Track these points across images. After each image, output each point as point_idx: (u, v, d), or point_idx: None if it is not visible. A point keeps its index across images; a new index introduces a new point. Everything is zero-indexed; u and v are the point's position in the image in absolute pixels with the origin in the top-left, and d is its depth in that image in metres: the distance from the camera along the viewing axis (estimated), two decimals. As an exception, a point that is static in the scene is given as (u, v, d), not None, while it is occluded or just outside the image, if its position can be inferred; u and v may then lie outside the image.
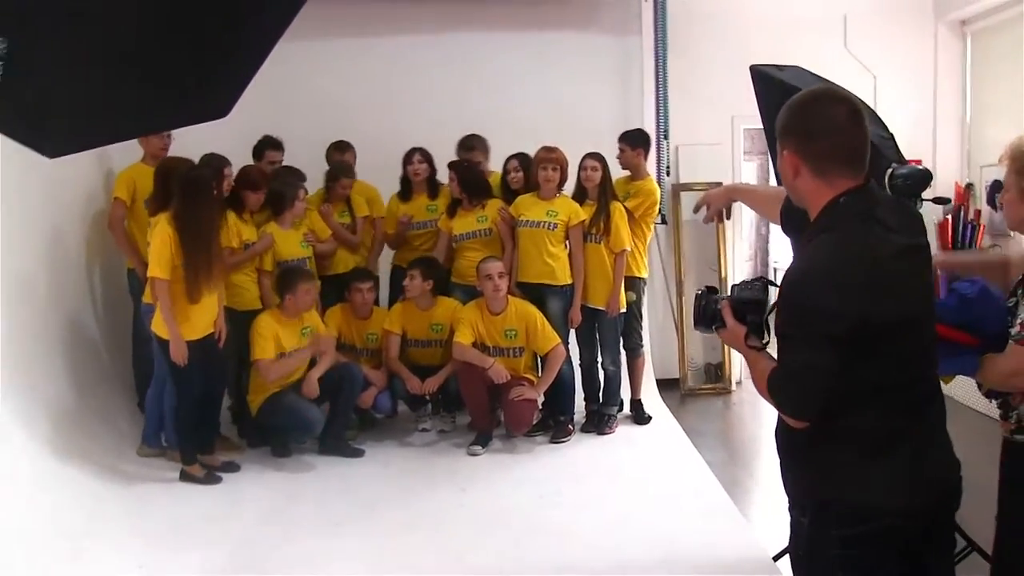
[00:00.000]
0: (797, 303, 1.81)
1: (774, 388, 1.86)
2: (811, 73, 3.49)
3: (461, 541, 3.78)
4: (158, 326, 4.35)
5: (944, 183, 6.68)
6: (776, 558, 3.51)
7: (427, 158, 5.43)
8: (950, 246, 6.40)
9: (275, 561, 3.62)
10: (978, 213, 6.38)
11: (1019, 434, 2.22)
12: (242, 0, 2.82)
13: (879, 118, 3.32)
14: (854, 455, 1.83)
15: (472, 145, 5.49)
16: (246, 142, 5.34)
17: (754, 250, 9.64)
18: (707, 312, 2.06)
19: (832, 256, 1.80)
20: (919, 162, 6.63)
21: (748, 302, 1.96)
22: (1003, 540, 2.29)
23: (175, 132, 4.78)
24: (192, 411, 4.49)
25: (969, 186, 6.61)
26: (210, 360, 4.51)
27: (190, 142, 4.70)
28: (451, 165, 5.30)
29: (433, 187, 5.49)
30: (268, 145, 5.43)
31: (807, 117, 1.87)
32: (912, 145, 6.59)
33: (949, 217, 6.47)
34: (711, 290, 2.11)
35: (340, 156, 5.55)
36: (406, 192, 5.52)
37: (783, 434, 1.93)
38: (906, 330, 1.83)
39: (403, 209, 5.48)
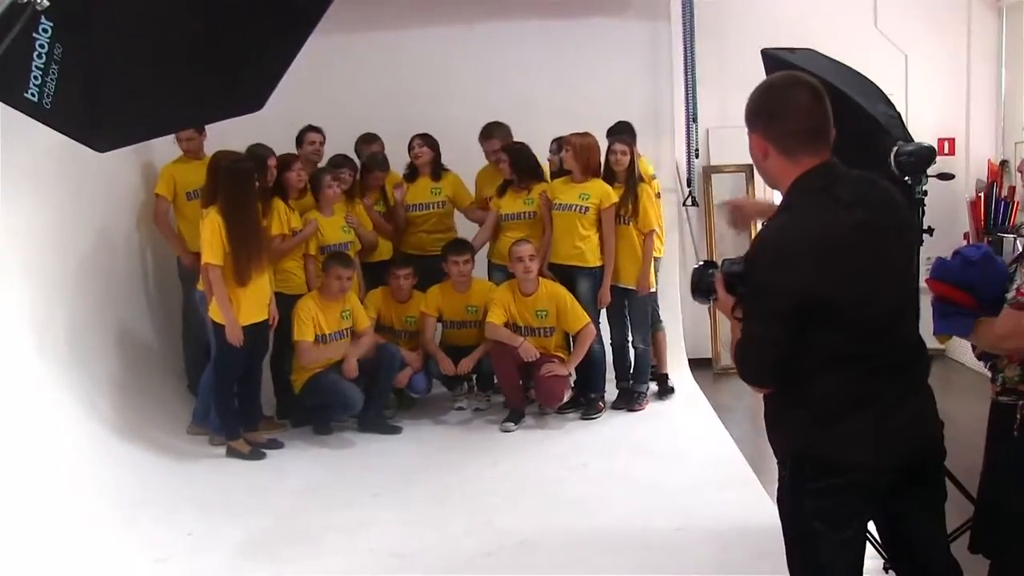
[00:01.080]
0: (751, 279, 1.97)
1: (735, 358, 2.03)
2: (823, 56, 3.57)
3: (491, 508, 3.97)
4: (215, 312, 4.59)
5: (978, 160, 6.68)
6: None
7: (428, 142, 5.61)
8: (983, 224, 6.39)
9: (316, 528, 3.83)
10: (1012, 190, 6.35)
11: (1004, 396, 2.33)
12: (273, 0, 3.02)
13: (886, 97, 3.41)
14: (820, 416, 1.95)
15: (491, 133, 5.63)
16: (283, 136, 5.51)
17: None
18: (703, 284, 2.21)
19: (781, 234, 1.95)
20: (952, 141, 6.73)
21: (736, 275, 2.10)
22: (985, 489, 2.43)
23: (214, 126, 5.00)
24: (231, 390, 4.74)
25: (1004, 163, 6.58)
26: (256, 344, 4.76)
27: (230, 136, 4.90)
28: (504, 148, 5.45)
29: (437, 170, 5.67)
30: (308, 129, 5.62)
31: (771, 100, 2.00)
32: (944, 123, 6.62)
33: (982, 195, 6.46)
34: (708, 264, 2.24)
35: (368, 148, 5.72)
36: (412, 175, 5.72)
37: (767, 399, 2.08)
38: (859, 303, 1.91)
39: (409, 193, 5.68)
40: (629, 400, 5.41)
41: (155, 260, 5.57)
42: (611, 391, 5.50)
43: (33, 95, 2.48)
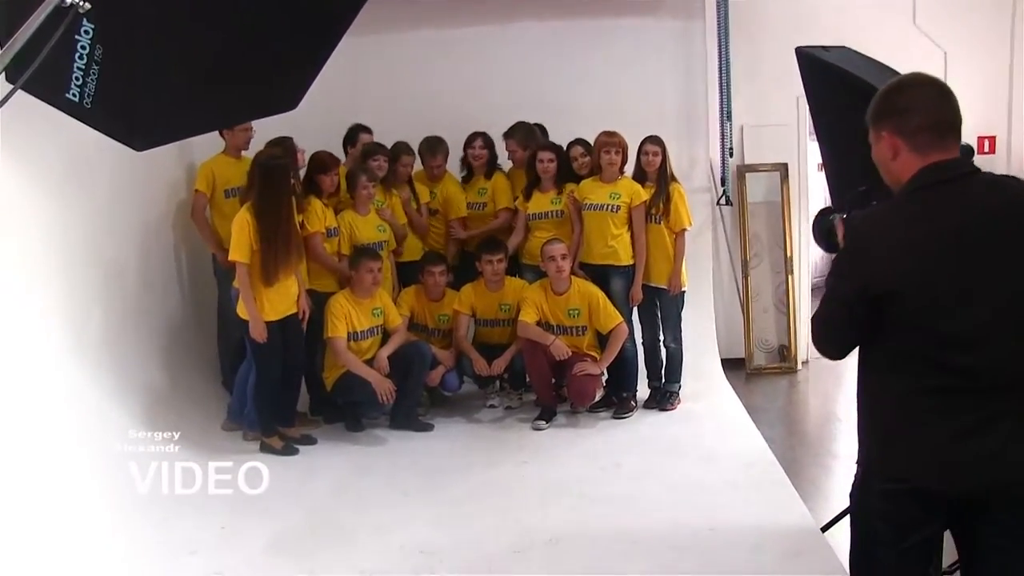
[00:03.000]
0: (833, 259, 2.04)
1: (812, 327, 2.11)
2: (858, 54, 3.53)
3: (521, 507, 3.99)
4: (242, 308, 4.65)
5: (1019, 158, 6.56)
6: (824, 528, 3.61)
7: (488, 144, 5.63)
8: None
9: (346, 525, 3.88)
10: (1054, 189, 6.23)
11: None
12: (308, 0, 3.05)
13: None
14: (888, 422, 1.96)
15: (513, 134, 5.63)
16: (325, 136, 5.56)
17: (827, 230, 9.52)
18: (823, 226, 2.23)
19: (866, 221, 1.99)
20: (992, 139, 6.62)
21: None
22: None
23: (258, 125, 5.06)
24: (271, 388, 4.77)
25: (1046, 162, 6.47)
26: (290, 341, 4.78)
27: (272, 134, 4.98)
28: (550, 148, 5.45)
29: (490, 171, 5.69)
30: (359, 129, 5.65)
31: (899, 97, 2.00)
32: (985, 121, 6.50)
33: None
34: (827, 210, 2.26)
35: (432, 158, 5.69)
36: (468, 175, 5.74)
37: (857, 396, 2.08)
38: (939, 309, 1.87)
39: (465, 194, 5.71)
40: (661, 399, 5.40)
41: (191, 258, 5.63)
42: (643, 390, 5.48)
43: (74, 95, 2.53)
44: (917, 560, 1.99)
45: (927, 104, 1.96)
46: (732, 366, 6.31)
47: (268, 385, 4.77)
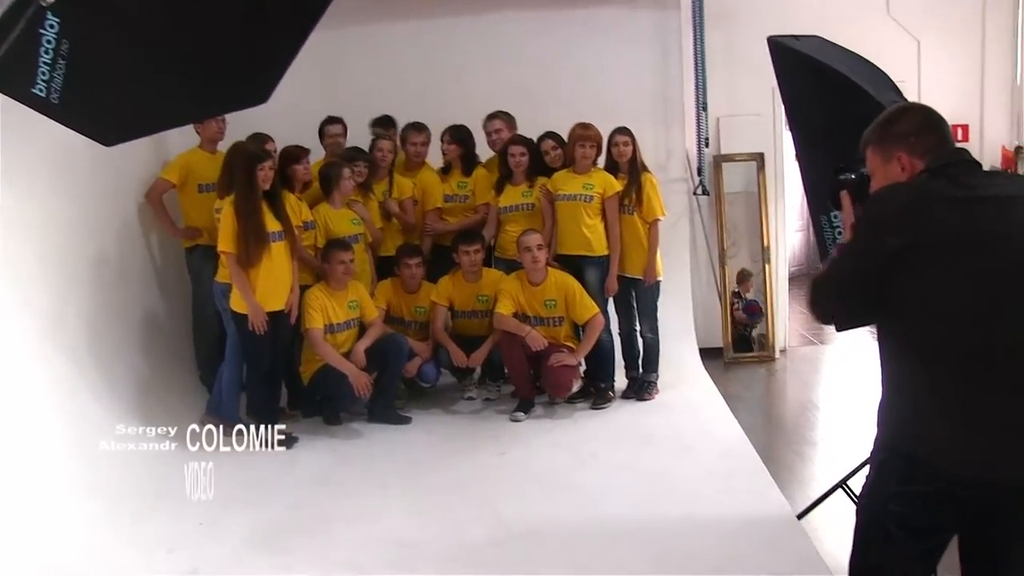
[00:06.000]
0: (861, 215, 2.05)
1: (812, 285, 2.10)
2: (831, 43, 3.54)
3: (499, 498, 3.99)
4: (236, 302, 4.65)
5: (991, 147, 6.61)
6: (800, 516, 3.64)
7: (456, 138, 5.59)
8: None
9: (324, 518, 3.87)
10: (1026, 177, 6.30)
11: None
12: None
13: (895, 85, 3.38)
14: (912, 408, 1.93)
15: (495, 118, 5.60)
16: (300, 130, 5.57)
17: (805, 220, 9.55)
18: (833, 187, 2.22)
19: (899, 187, 2.01)
20: (966, 127, 6.67)
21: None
22: None
23: (232, 118, 5.07)
24: (261, 384, 4.80)
25: (1018, 149, 6.52)
26: (278, 335, 4.80)
27: (249, 128, 5.01)
28: (522, 141, 5.43)
29: (469, 164, 5.68)
30: (327, 122, 5.65)
31: (905, 121, 2.08)
32: (958, 109, 6.54)
33: (996, 181, 6.39)
34: (843, 168, 2.24)
35: (416, 135, 5.67)
36: (446, 168, 5.74)
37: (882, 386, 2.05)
38: (957, 282, 1.86)
39: (443, 186, 5.70)
40: (639, 390, 5.41)
41: (168, 252, 5.59)
42: (621, 381, 5.49)
43: (40, 91, 2.51)
44: (929, 565, 1.99)
45: (931, 127, 2.07)
46: (710, 355, 6.34)
47: (259, 382, 4.80)
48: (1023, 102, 6.57)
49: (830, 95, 3.22)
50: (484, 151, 5.76)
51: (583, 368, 5.39)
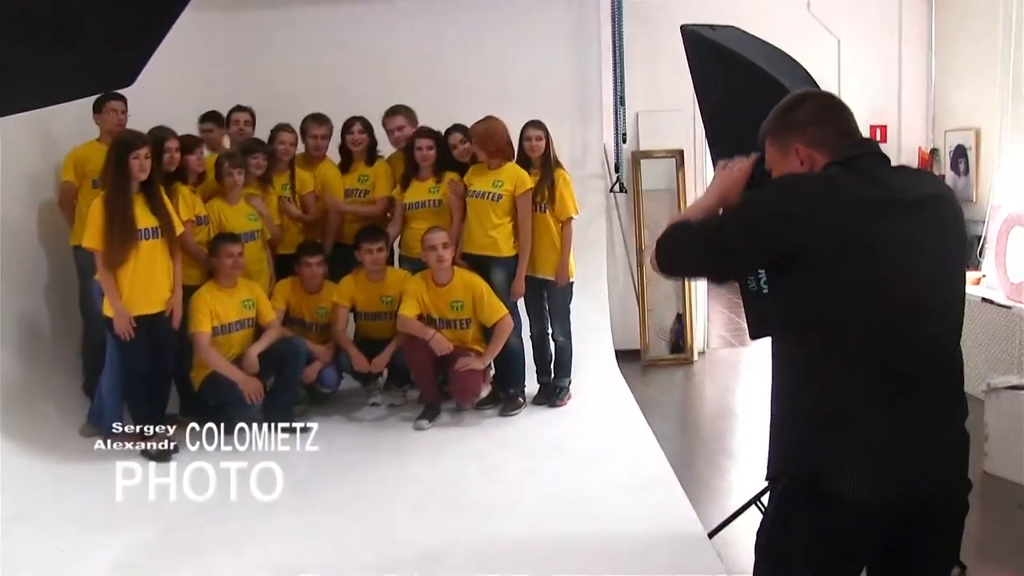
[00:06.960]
0: (752, 193, 1.94)
1: (667, 232, 1.94)
2: (747, 34, 3.36)
3: (395, 517, 3.73)
4: (106, 305, 4.33)
5: (909, 148, 6.60)
6: (711, 534, 3.47)
7: (367, 128, 5.31)
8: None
9: (200, 542, 3.54)
10: (942, 179, 6.29)
11: None
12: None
13: (811, 78, 3.20)
14: (819, 435, 1.75)
15: (395, 111, 5.35)
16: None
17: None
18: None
19: (801, 177, 1.88)
20: (884, 128, 6.64)
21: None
22: None
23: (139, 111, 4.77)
24: (139, 390, 4.45)
25: (934, 151, 6.53)
26: (157, 342, 4.47)
27: (151, 116, 4.71)
28: (429, 134, 5.16)
29: (371, 157, 5.39)
30: (234, 109, 5.38)
31: (801, 111, 1.94)
32: (877, 110, 6.52)
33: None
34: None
35: (318, 127, 5.37)
36: (346, 162, 5.40)
37: (772, 402, 1.87)
38: (861, 288, 1.73)
39: (343, 180, 5.38)
40: (550, 395, 5.20)
41: (54, 250, 5.17)
42: (532, 386, 5.26)
43: None
44: None
45: (831, 115, 1.94)
46: (627, 358, 6.17)
47: (136, 387, 4.46)
48: (938, 105, 6.57)
49: (743, 84, 3.05)
50: (386, 148, 5.50)
51: (492, 373, 5.14)
